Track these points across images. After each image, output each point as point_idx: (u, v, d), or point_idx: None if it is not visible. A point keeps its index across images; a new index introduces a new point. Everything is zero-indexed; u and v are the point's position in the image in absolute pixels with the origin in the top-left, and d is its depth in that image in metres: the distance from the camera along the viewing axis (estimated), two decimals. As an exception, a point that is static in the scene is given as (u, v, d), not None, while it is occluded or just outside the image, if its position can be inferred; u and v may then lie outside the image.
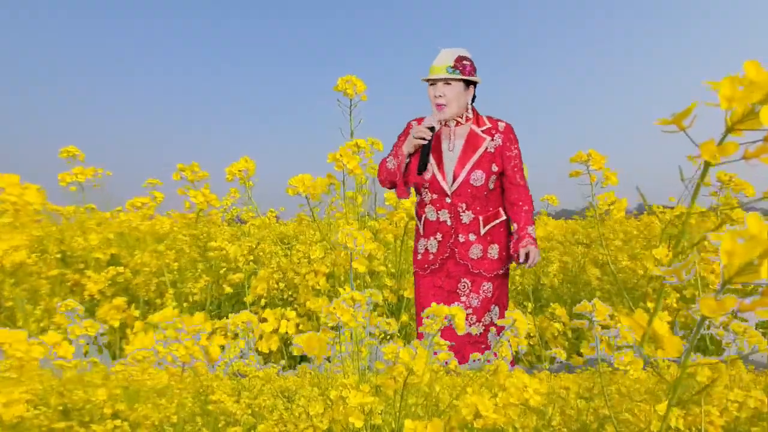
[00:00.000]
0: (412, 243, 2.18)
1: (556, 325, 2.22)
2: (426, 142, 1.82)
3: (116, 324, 2.20)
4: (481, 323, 1.86)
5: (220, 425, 1.13)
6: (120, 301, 2.22)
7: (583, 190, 2.57)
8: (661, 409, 1.02)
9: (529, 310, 2.52)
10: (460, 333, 1.00)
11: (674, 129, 0.76)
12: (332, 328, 1.42)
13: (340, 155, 2.18)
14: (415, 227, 2.03)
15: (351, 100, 2.59)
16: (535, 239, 1.86)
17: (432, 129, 1.82)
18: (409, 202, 2.30)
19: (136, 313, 2.28)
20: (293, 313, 1.68)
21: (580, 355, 2.34)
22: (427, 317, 1.05)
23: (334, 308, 0.96)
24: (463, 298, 1.88)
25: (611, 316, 1.26)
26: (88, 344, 1.71)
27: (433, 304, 1.01)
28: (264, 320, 1.84)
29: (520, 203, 1.89)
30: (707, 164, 0.61)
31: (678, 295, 2.65)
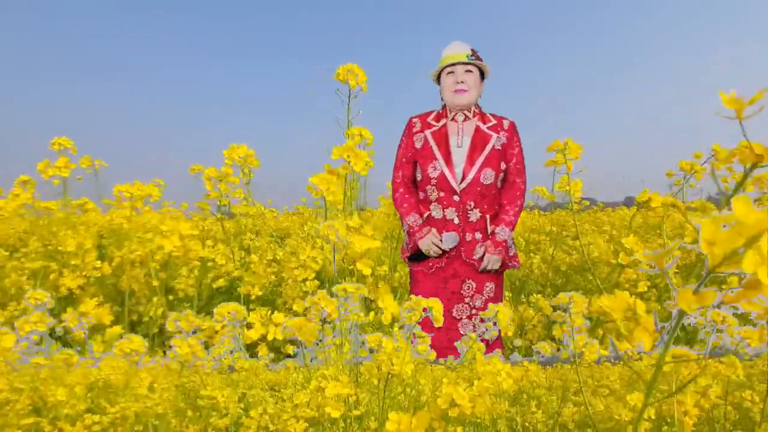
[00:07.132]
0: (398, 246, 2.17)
1: (533, 313, 2.31)
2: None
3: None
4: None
5: (211, 419, 1.15)
6: (90, 305, 2.13)
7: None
8: (632, 399, 1.04)
9: (507, 297, 2.61)
10: (437, 325, 1.04)
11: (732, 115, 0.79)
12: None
13: (348, 156, 2.11)
14: None
15: (351, 90, 2.54)
16: (500, 243, 1.84)
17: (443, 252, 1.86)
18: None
19: (107, 312, 2.25)
20: (281, 316, 1.67)
21: (553, 339, 2.44)
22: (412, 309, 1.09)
23: (319, 300, 0.99)
24: (467, 300, 1.87)
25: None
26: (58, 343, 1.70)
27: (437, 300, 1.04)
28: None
29: (505, 203, 1.89)
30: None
31: (649, 283, 2.75)
